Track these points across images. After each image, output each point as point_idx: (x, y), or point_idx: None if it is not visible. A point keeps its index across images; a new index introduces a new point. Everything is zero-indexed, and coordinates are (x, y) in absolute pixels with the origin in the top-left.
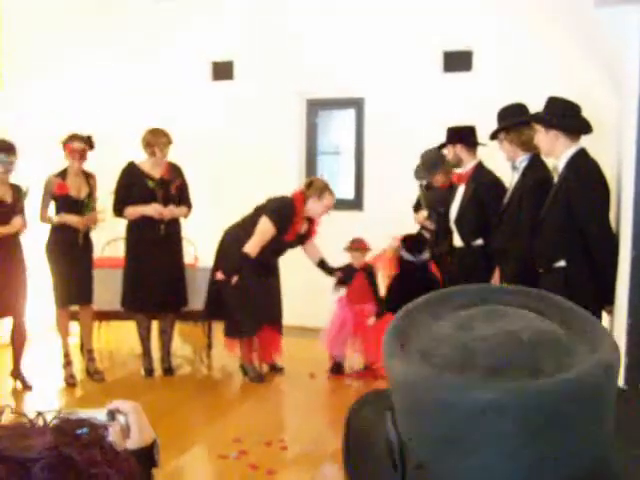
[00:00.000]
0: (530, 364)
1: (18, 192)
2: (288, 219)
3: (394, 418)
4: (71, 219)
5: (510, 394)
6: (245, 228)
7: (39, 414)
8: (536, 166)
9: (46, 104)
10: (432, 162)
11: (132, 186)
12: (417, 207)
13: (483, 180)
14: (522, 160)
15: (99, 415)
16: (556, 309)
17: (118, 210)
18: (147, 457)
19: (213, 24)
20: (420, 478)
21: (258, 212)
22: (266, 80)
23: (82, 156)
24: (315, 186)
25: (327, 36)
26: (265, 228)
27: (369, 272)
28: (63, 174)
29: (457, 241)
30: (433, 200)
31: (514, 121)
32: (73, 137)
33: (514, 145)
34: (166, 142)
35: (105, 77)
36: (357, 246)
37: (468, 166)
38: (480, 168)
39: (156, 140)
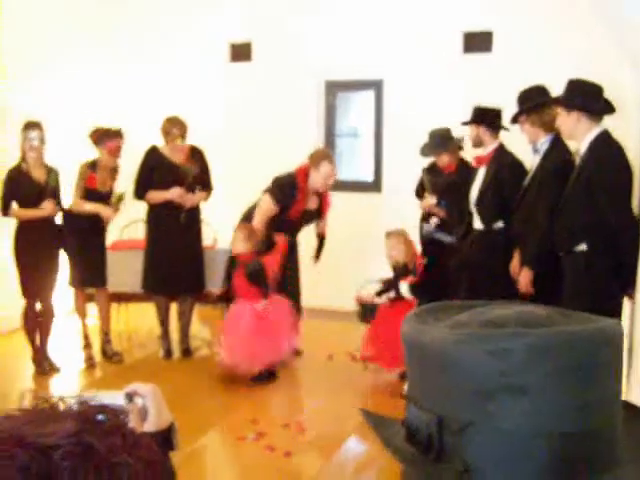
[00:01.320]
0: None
1: (52, 174)
2: (289, 196)
3: (418, 404)
4: (104, 212)
5: (552, 336)
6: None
7: (60, 399)
8: (557, 148)
9: (64, 90)
10: (440, 140)
11: (154, 170)
12: (420, 192)
13: (504, 162)
14: (543, 142)
15: (117, 398)
16: (553, 309)
17: (139, 194)
18: (164, 440)
19: (231, 5)
20: (463, 444)
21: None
22: (284, 61)
23: (120, 151)
24: (313, 157)
25: (346, 17)
26: (265, 205)
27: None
28: (93, 166)
29: (476, 224)
30: (442, 188)
31: (535, 102)
32: (111, 134)
33: (536, 126)
34: (177, 134)
35: (121, 60)
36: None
37: (489, 148)
38: (501, 150)
39: (169, 129)
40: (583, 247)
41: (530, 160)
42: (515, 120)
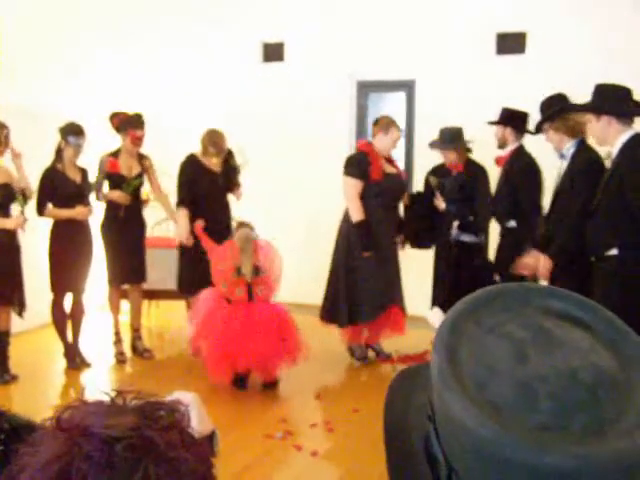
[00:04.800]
0: (594, 413)
1: (85, 174)
2: (363, 163)
3: (438, 435)
4: (113, 194)
5: (583, 460)
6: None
7: (119, 393)
8: (584, 151)
9: (97, 87)
10: (449, 136)
11: (197, 181)
12: (422, 195)
13: (518, 163)
14: (569, 147)
15: None
16: (605, 324)
17: (183, 201)
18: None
19: (264, 5)
20: None
21: None
22: (316, 62)
23: (142, 141)
24: (381, 123)
25: (378, 18)
26: (348, 185)
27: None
28: (116, 154)
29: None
30: (450, 189)
31: (557, 108)
32: (135, 122)
33: (560, 133)
34: (213, 153)
35: (156, 60)
36: None
37: (508, 149)
38: (519, 151)
39: (206, 145)
40: (614, 252)
41: (554, 163)
42: (538, 129)
